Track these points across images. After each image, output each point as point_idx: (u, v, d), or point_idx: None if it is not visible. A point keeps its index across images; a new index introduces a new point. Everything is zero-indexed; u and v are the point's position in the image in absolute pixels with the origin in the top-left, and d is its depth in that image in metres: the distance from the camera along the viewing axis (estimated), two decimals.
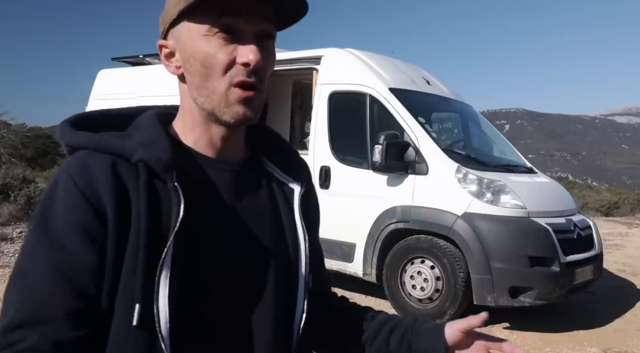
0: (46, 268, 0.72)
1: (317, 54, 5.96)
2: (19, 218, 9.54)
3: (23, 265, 0.74)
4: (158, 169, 0.77)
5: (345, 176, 5.46)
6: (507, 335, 4.75)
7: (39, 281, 0.71)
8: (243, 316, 0.85)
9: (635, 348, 4.54)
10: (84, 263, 0.73)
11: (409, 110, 5.26)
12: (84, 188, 0.74)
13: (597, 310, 5.58)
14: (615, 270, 7.43)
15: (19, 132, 23.57)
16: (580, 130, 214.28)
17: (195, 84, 0.83)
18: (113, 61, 8.37)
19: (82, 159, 0.78)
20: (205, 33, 0.80)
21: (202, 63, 0.81)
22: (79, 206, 0.74)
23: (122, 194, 0.75)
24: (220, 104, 0.81)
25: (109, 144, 0.79)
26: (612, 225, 13.13)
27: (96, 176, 0.75)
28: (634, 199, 20.80)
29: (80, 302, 0.72)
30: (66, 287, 0.71)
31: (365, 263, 5.29)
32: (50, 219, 0.74)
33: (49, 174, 19.68)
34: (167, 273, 0.74)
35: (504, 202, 4.80)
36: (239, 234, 0.86)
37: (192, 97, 0.84)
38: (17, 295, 0.72)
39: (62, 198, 0.75)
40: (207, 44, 0.80)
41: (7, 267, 6.58)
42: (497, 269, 4.57)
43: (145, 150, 0.78)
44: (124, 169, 0.77)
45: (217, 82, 0.81)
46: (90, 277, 0.73)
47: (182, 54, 0.84)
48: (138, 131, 0.84)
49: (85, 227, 0.73)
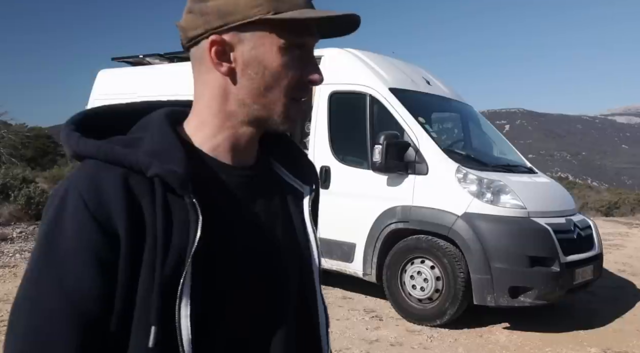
0: (53, 296, 0.70)
1: (317, 54, 5.95)
2: (19, 218, 9.54)
3: (30, 289, 0.72)
4: (175, 184, 0.74)
5: (345, 176, 5.46)
6: (507, 335, 4.76)
7: (45, 311, 0.70)
8: (265, 329, 0.84)
9: (635, 348, 4.54)
10: (91, 289, 0.70)
11: (409, 110, 5.27)
12: (94, 210, 0.71)
13: (597, 310, 5.58)
14: (615, 270, 7.43)
15: (19, 132, 23.53)
16: (580, 130, 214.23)
17: (253, 91, 0.81)
18: (113, 61, 8.37)
19: (93, 175, 0.74)
20: (282, 45, 0.80)
21: (272, 73, 0.80)
22: (89, 229, 0.71)
23: (135, 211, 0.72)
24: (279, 115, 0.82)
25: (121, 156, 0.74)
26: (612, 225, 13.13)
27: (108, 195, 0.72)
28: (634, 199, 20.80)
29: (86, 332, 0.70)
30: (73, 317, 0.70)
31: (365, 263, 5.29)
32: (58, 240, 0.71)
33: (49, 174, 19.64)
34: (188, 292, 0.72)
35: (504, 202, 4.80)
36: (256, 245, 0.84)
37: (242, 101, 0.82)
38: (24, 327, 0.70)
39: (70, 220, 0.71)
40: (283, 56, 0.80)
41: (7, 267, 6.58)
42: (497, 269, 4.57)
43: (159, 162, 0.74)
44: (137, 183, 0.74)
45: (282, 93, 0.81)
46: (98, 303, 0.71)
47: (246, 57, 0.80)
48: (148, 135, 0.80)
49: (95, 250, 0.71)
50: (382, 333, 4.69)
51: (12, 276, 6.22)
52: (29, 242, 8.12)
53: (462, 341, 4.59)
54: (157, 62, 7.89)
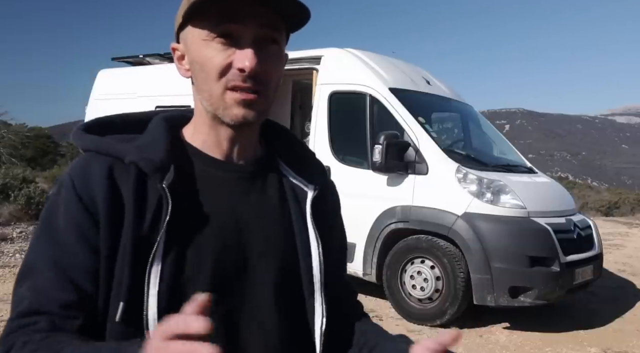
0: (48, 265, 0.79)
1: (317, 54, 5.96)
2: (19, 218, 9.54)
3: (30, 260, 0.81)
4: (148, 170, 0.81)
5: (345, 176, 5.45)
6: (507, 335, 4.76)
7: (42, 277, 0.78)
8: (237, 318, 0.84)
9: (635, 348, 4.54)
10: (81, 263, 0.79)
11: (409, 110, 5.26)
12: (80, 190, 0.80)
13: (597, 310, 5.58)
14: (615, 270, 7.44)
15: (19, 132, 23.55)
16: (580, 130, 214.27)
17: (198, 87, 0.86)
18: (113, 61, 8.38)
19: (84, 162, 0.84)
20: (205, 38, 0.82)
21: (201, 66, 0.83)
22: (76, 208, 0.79)
23: (115, 196, 0.80)
24: (219, 106, 0.83)
25: (109, 147, 0.84)
26: (612, 225, 13.13)
27: (92, 179, 0.80)
28: (634, 199, 20.79)
29: (76, 295, 0.78)
30: (65, 282, 0.78)
31: (365, 263, 5.29)
32: (53, 218, 0.81)
33: (49, 174, 19.66)
34: (157, 272, 0.78)
35: (504, 202, 4.80)
36: (239, 236, 0.85)
37: (200, 100, 0.87)
38: (27, 289, 0.79)
39: (63, 200, 0.81)
40: (206, 48, 0.82)
41: (7, 267, 6.58)
42: (497, 269, 4.57)
43: (138, 152, 0.82)
44: (120, 171, 0.82)
45: (215, 85, 0.82)
46: (87, 276, 0.79)
47: (189, 57, 0.86)
48: (145, 134, 0.88)
49: (81, 228, 0.79)
50: None
51: (12, 276, 6.22)
52: (29, 241, 8.13)
53: (462, 341, 4.58)
54: (157, 62, 7.89)
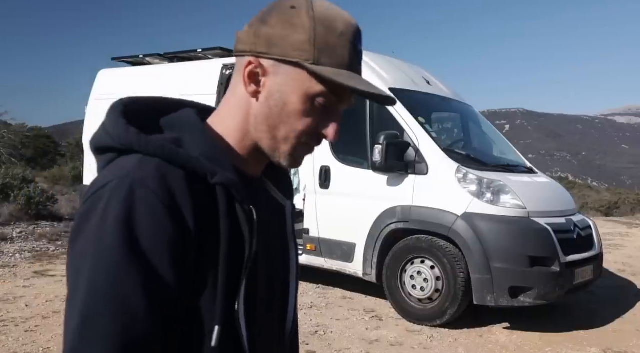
0: (139, 294, 0.70)
1: None
2: (19, 218, 9.55)
3: (113, 285, 0.69)
4: (237, 194, 0.78)
5: (345, 176, 5.46)
6: (507, 335, 4.76)
7: (134, 308, 0.69)
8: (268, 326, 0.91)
9: (635, 348, 4.54)
10: (173, 288, 0.72)
11: (409, 110, 5.27)
12: (169, 207, 0.72)
13: (597, 310, 5.59)
14: (615, 270, 7.44)
15: (19, 132, 23.57)
16: (580, 130, 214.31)
17: (267, 121, 0.84)
18: (113, 61, 8.38)
19: (161, 175, 0.74)
20: (308, 94, 0.81)
21: (288, 114, 0.82)
22: (167, 226, 0.72)
23: (202, 215, 0.75)
24: (278, 149, 0.85)
25: (185, 160, 0.76)
26: (612, 225, 13.14)
27: (179, 197, 0.73)
28: (634, 199, 20.80)
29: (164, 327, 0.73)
30: (158, 313, 0.71)
31: (365, 263, 5.28)
32: (136, 238, 0.70)
33: (49, 174, 19.65)
34: (243, 296, 0.79)
35: (504, 202, 4.80)
36: (271, 252, 0.91)
37: (257, 125, 0.85)
38: (117, 325, 0.68)
39: (145, 216, 0.71)
40: (305, 103, 0.82)
41: (7, 267, 6.58)
42: (497, 269, 4.57)
43: (221, 170, 0.78)
44: (200, 188, 0.76)
45: (290, 135, 0.83)
46: (177, 302, 0.73)
47: (275, 89, 0.82)
48: (187, 137, 0.81)
49: (174, 249, 0.72)
50: (382, 333, 4.69)
51: (12, 276, 6.21)
52: (29, 241, 8.12)
53: (462, 341, 4.59)
54: (157, 62, 7.90)
